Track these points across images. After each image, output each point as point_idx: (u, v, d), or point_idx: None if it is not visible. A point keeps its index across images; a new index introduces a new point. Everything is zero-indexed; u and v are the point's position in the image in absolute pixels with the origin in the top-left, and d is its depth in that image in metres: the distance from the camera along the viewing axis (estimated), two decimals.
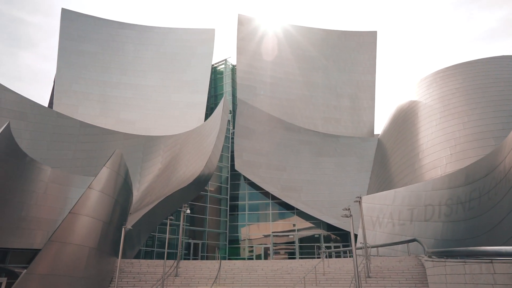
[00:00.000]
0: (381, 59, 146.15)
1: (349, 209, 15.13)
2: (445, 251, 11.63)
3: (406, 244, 24.48)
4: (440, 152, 32.13)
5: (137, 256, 33.23)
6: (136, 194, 42.56)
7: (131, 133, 49.23)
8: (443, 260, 11.48)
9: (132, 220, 26.46)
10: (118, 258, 20.19)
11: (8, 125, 34.01)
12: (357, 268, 15.35)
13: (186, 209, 26.45)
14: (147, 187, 42.59)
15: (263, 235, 45.11)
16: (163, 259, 19.88)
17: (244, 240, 44.88)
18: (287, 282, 18.85)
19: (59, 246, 14.18)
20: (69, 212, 14.77)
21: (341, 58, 61.23)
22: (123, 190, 19.67)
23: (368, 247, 21.08)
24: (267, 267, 21.90)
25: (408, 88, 49.07)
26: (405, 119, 42.94)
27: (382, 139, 50.49)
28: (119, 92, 55.98)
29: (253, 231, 45.27)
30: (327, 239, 44.26)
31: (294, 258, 41.63)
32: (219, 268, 19.64)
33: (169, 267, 21.64)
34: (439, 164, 31.23)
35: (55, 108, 51.94)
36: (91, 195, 15.92)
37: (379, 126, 72.39)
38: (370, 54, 61.74)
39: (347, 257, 30.87)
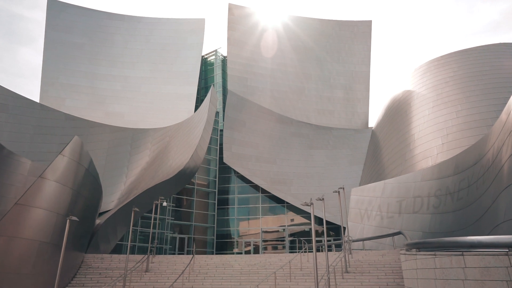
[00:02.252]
0: (377, 50, 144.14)
1: (311, 203, 13.91)
2: (417, 243, 10.47)
3: (392, 237, 23.37)
4: (431, 142, 30.86)
5: (118, 251, 32.19)
6: (123, 187, 41.56)
7: (120, 126, 48.08)
8: (414, 253, 10.31)
9: (107, 213, 25.29)
10: (82, 253, 19.10)
11: None
12: (328, 262, 14.19)
13: (162, 202, 25.32)
14: (134, 180, 41.47)
15: (252, 230, 44.03)
16: (141, 254, 18.71)
17: (233, 234, 43.80)
18: (261, 278, 17.70)
19: (4, 241, 13.05)
20: (15, 204, 13.62)
21: (335, 49, 59.72)
22: (87, 182, 18.47)
23: (348, 241, 19.93)
24: (244, 262, 20.80)
25: (402, 78, 47.70)
26: (398, 110, 41.62)
27: (375, 130, 49.18)
28: (108, 84, 54.65)
29: (242, 226, 44.17)
30: (319, 233, 43.13)
31: (284, 252, 40.58)
32: (189, 264, 18.50)
33: (142, 262, 20.56)
34: (430, 154, 29.97)
35: (41, 100, 50.71)
36: (44, 186, 14.75)
37: (374, 118, 70.96)
38: (364, 44, 60.20)
39: (332, 250, 29.73)
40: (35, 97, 43.47)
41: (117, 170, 43.80)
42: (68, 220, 12.77)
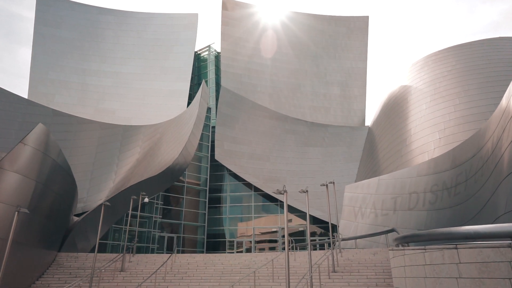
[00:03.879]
0: (374, 46, 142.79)
1: (285, 190, 12.69)
2: (406, 236, 9.18)
3: (386, 235, 22.07)
4: (429, 137, 29.60)
5: (102, 250, 30.87)
6: (112, 185, 40.21)
7: (110, 122, 46.80)
8: (401, 248, 9.01)
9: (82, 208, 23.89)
10: (53, 251, 17.76)
11: None
12: (311, 261, 12.90)
13: (144, 198, 24.03)
14: (123, 178, 40.13)
15: (244, 229, 42.70)
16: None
17: (225, 234, 42.45)
18: (243, 278, 16.36)
19: None
20: None
21: (331, 45, 58.50)
22: (56, 175, 17.12)
23: (337, 239, 18.64)
24: (228, 261, 19.49)
25: (399, 74, 46.49)
26: (394, 105, 40.39)
27: (372, 128, 47.95)
28: (98, 80, 53.37)
29: (234, 225, 42.81)
30: (313, 232, 41.82)
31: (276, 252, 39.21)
32: (164, 263, 17.18)
33: (119, 261, 19.24)
34: (427, 149, 28.70)
35: (29, 97, 49.41)
36: (1, 176, 13.43)
37: (371, 116, 69.77)
38: (361, 40, 58.99)
39: (324, 249, 28.38)
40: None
41: (106, 167, 42.51)
42: (16, 212, 11.46)
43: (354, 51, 58.60)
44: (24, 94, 47.99)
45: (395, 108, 39.60)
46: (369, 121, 54.18)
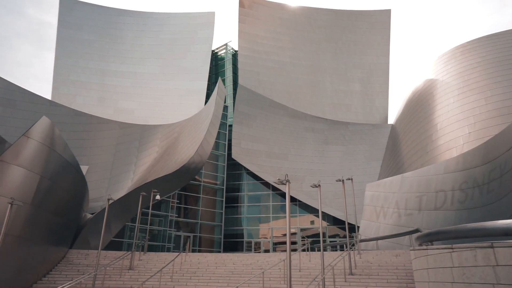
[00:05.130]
0: (396, 41, 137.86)
1: (287, 180, 11.64)
2: (429, 234, 7.92)
3: (410, 236, 20.49)
4: (457, 132, 27.60)
5: (118, 248, 30.76)
6: (130, 184, 40.28)
7: (129, 122, 47.14)
8: (424, 247, 7.77)
9: (96, 206, 23.65)
10: (63, 248, 17.42)
11: None
12: (323, 263, 11.76)
13: (156, 195, 23.53)
14: (141, 177, 40.12)
15: (262, 229, 41.73)
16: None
17: (242, 234, 41.60)
18: (252, 279, 15.40)
19: None
20: None
21: (351, 40, 56.66)
22: (64, 171, 16.79)
23: (355, 240, 17.36)
24: (240, 262, 18.60)
25: (424, 68, 44.20)
26: (419, 100, 38.28)
27: (395, 125, 45.84)
28: (118, 80, 54.00)
29: (251, 225, 41.89)
30: (335, 234, 40.31)
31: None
32: (171, 262, 16.46)
33: (127, 259, 18.75)
34: (455, 144, 26.73)
35: (53, 98, 50.54)
36: (1, 169, 13.10)
37: (394, 113, 67.15)
38: (383, 35, 56.80)
39: (341, 250, 26.94)
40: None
41: (124, 166, 42.68)
42: (10, 205, 11.00)
43: (375, 46, 56.51)
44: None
45: (420, 103, 37.52)
46: (392, 119, 52.02)
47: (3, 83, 41.11)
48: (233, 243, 41.13)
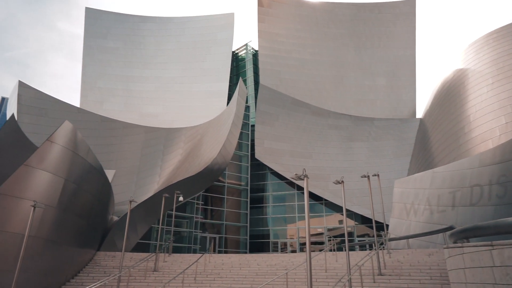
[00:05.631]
0: (423, 32, 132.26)
1: (305, 175, 11.06)
2: (465, 229, 7.17)
3: (443, 234, 19.32)
4: (492, 122, 25.91)
5: (146, 250, 31.16)
6: (156, 187, 40.92)
7: (154, 126, 47.99)
8: (459, 245, 7.03)
9: (123, 209, 23.98)
10: (90, 250, 17.71)
11: (13, 116, 33.73)
12: (349, 263, 11.12)
13: (179, 196, 23.58)
14: (166, 180, 40.68)
15: (288, 229, 41.13)
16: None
17: (268, 234, 41.18)
18: (276, 280, 14.97)
19: None
20: None
21: (374, 34, 54.98)
22: (88, 174, 17.08)
23: (384, 239, 16.52)
24: (264, 262, 18.22)
25: (453, 57, 42.10)
26: (449, 92, 36.44)
27: (424, 119, 43.95)
28: (142, 86, 55.18)
29: (277, 225, 41.39)
30: (365, 234, 39.09)
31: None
32: (194, 263, 16.31)
33: (152, 261, 18.83)
34: (490, 136, 25.10)
35: (81, 105, 52.30)
36: (29, 174, 13.47)
37: (422, 107, 64.58)
38: (408, 26, 54.74)
39: (370, 250, 25.92)
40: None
41: (150, 170, 43.40)
42: (32, 208, 11.19)
43: (400, 38, 54.53)
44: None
45: (450, 95, 35.69)
46: (420, 113, 49.96)
47: (35, 93, 42.89)
48: (259, 243, 40.80)
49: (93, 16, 58.38)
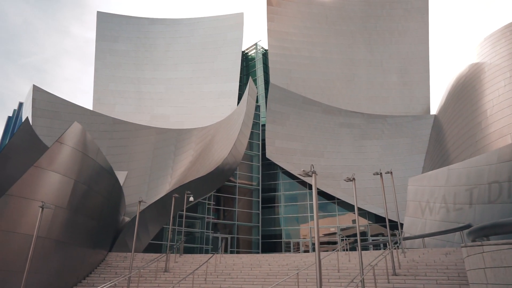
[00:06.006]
0: (435, 25, 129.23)
1: (313, 171, 10.77)
2: (484, 227, 6.77)
3: (460, 233, 18.69)
4: (511, 117, 25.00)
5: (158, 250, 31.25)
6: (168, 188, 41.12)
7: (165, 127, 48.26)
8: (479, 243, 6.64)
9: (135, 210, 24.00)
10: (102, 251, 17.77)
11: (27, 119, 34.29)
12: (361, 263, 10.76)
13: (189, 196, 23.52)
14: (178, 180, 40.86)
15: (301, 228, 40.72)
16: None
17: (280, 234, 40.85)
18: (288, 280, 14.69)
19: None
20: (5, 194, 12.51)
21: (386, 30, 54.06)
22: (96, 174, 17.12)
23: (399, 238, 16.07)
24: (276, 262, 17.97)
25: (468, 52, 40.99)
26: (464, 87, 35.45)
27: (438, 115, 42.93)
28: (152, 87, 55.57)
29: (289, 225, 41.01)
30: (376, 231, 38.38)
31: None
32: (205, 263, 16.16)
33: (163, 261, 18.79)
34: (508, 131, 24.24)
35: (94, 108, 52.95)
36: (39, 175, 13.54)
37: (436, 103, 63.18)
38: (420, 21, 53.63)
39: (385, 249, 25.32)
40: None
41: (162, 171, 43.65)
42: (41, 209, 11.20)
43: (413, 34, 53.46)
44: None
45: (465, 90, 34.73)
46: (434, 109, 48.85)
47: (49, 97, 43.60)
48: (272, 244, 40.51)
49: (104, 20, 59.10)
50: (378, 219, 37.61)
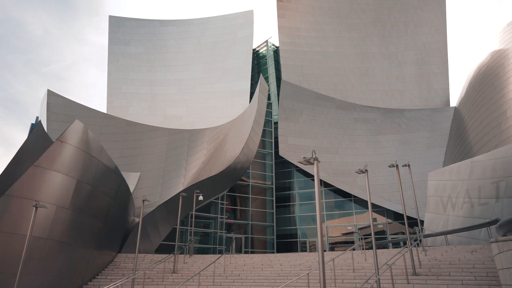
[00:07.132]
0: (453, 14, 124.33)
1: (315, 158, 9.89)
2: None
3: (487, 229, 17.37)
4: None
5: (168, 251, 30.90)
6: (181, 188, 40.85)
7: (178, 128, 48.13)
8: (511, 238, 5.66)
9: (145, 211, 23.63)
10: (110, 252, 17.37)
11: (40, 123, 34.59)
12: (376, 262, 9.81)
13: (198, 195, 22.95)
14: (191, 180, 40.51)
15: (316, 227, 39.58)
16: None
17: (296, 233, 39.87)
18: (299, 281, 13.83)
19: None
20: (4, 194, 12.18)
21: (400, 21, 52.28)
22: (100, 174, 16.69)
23: (419, 235, 14.98)
24: (287, 262, 17.15)
25: (489, 39, 39.00)
26: (486, 75, 33.63)
27: (459, 106, 41.03)
28: (164, 89, 55.59)
29: (304, 224, 39.96)
30: (395, 230, 36.90)
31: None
32: (212, 263, 15.48)
33: (171, 262, 18.25)
34: None
35: (108, 111, 53.39)
36: (39, 175, 13.19)
37: (456, 95, 60.75)
38: (438, 9, 51.60)
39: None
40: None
41: (175, 171, 43.43)
42: (34, 208, 10.75)
43: (429, 24, 51.49)
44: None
45: (487, 79, 32.93)
46: (454, 101, 46.85)
47: (63, 101, 44.10)
48: (287, 243, 39.57)
49: (116, 23, 59.58)
50: (397, 217, 36.14)
